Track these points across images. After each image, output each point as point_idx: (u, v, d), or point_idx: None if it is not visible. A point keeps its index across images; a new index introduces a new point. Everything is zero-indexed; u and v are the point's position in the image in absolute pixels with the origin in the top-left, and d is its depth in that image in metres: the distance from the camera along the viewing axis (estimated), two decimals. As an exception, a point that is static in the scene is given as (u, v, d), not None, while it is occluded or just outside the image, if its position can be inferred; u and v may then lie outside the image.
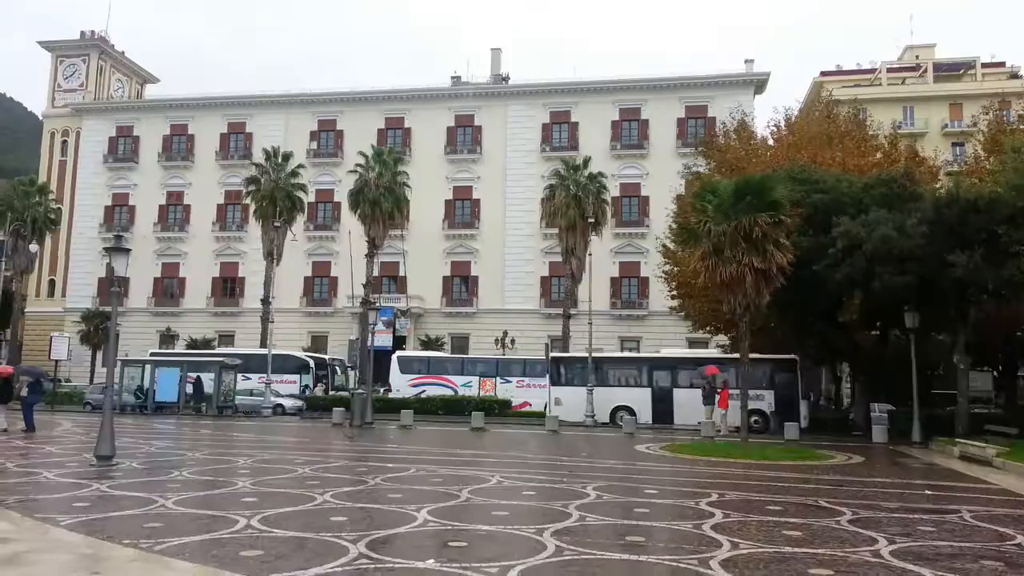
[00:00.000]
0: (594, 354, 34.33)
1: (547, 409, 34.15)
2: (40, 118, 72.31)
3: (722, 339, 41.43)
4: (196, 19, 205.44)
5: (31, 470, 14.64)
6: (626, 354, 33.05)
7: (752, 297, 21.52)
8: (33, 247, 50.17)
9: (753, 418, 31.60)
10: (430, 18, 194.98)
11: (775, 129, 37.20)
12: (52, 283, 64.63)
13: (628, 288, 55.48)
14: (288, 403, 37.57)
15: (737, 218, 21.11)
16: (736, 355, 31.22)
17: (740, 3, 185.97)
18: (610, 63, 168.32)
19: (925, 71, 61.43)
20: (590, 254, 41.62)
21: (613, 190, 51.23)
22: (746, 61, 57.43)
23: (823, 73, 64.43)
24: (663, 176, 52.79)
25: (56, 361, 43.74)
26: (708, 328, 37.94)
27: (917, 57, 64.52)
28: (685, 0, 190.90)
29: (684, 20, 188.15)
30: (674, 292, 37.31)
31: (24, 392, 25.09)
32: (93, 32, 68.15)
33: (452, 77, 63.55)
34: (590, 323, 37.65)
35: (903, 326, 27.06)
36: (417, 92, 60.56)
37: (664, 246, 37.53)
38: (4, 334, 49.69)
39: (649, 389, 33.70)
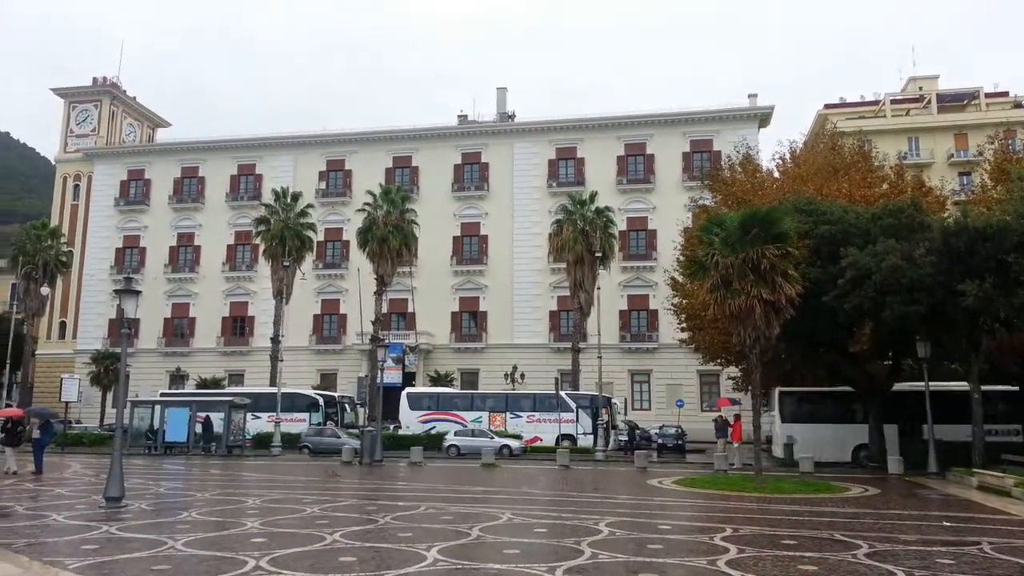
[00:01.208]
0: (829, 388, 31.25)
1: (773, 447, 31.63)
2: (53, 163, 73.39)
3: (733, 371, 41.17)
4: (206, 64, 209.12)
5: (40, 512, 14.58)
6: None
7: (762, 328, 21.41)
8: (44, 290, 50.61)
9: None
10: (436, 58, 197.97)
11: (780, 162, 37.34)
12: (63, 325, 64.98)
13: (637, 321, 55.38)
14: (514, 444, 35.48)
15: (744, 250, 21.09)
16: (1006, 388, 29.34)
17: (743, 37, 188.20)
18: (615, 98, 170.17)
19: (929, 102, 61.80)
20: (598, 288, 41.63)
21: (620, 224, 51.42)
22: (750, 95, 57.94)
23: (827, 106, 64.93)
24: (670, 210, 52.98)
25: (66, 402, 43.84)
26: (719, 360, 37.74)
27: (920, 88, 64.96)
28: (688, 35, 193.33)
29: (688, 55, 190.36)
30: (684, 324, 37.20)
31: (35, 434, 25.07)
32: (105, 78, 69.42)
33: (459, 116, 64.28)
34: (599, 357, 37.57)
35: (915, 356, 26.83)
36: (424, 131, 61.23)
37: (672, 279, 37.53)
38: (15, 376, 49.89)
39: (895, 426, 29.30)
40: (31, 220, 58.35)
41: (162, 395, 44.37)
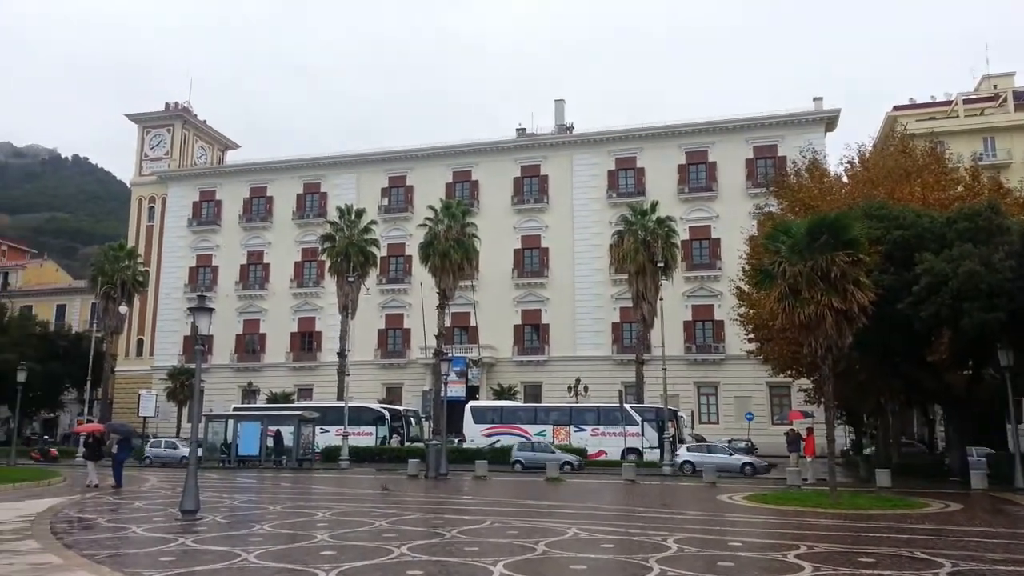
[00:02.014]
0: None
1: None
2: (129, 186, 76.40)
3: (805, 382, 40.12)
4: (269, 86, 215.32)
5: (120, 525, 15.08)
6: None
7: (833, 338, 20.80)
8: (122, 309, 52.56)
9: None
10: (494, 75, 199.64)
11: (848, 166, 36.31)
12: (140, 342, 67.43)
13: (703, 332, 54.52)
14: (759, 462, 33.58)
15: (813, 258, 20.56)
16: None
17: (806, 41, 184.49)
18: (674, 108, 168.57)
19: (1005, 100, 59.26)
20: (661, 299, 41.16)
21: (682, 233, 50.79)
22: (815, 99, 56.69)
23: (896, 107, 62.88)
24: (734, 218, 52.15)
25: (144, 418, 45.35)
26: (789, 371, 36.83)
27: (995, 87, 62.34)
28: (749, 40, 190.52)
29: (749, 62, 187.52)
30: (751, 335, 36.43)
31: (114, 449, 25.95)
32: (177, 103, 72.11)
33: (517, 129, 64.57)
34: (664, 368, 37.10)
35: (997, 364, 25.68)
36: (483, 145, 61.70)
37: (738, 288, 36.83)
38: (96, 392, 51.89)
39: None
40: (109, 242, 60.79)
41: (235, 410, 45.61)
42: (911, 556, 11.64)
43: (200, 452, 24.30)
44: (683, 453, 34.16)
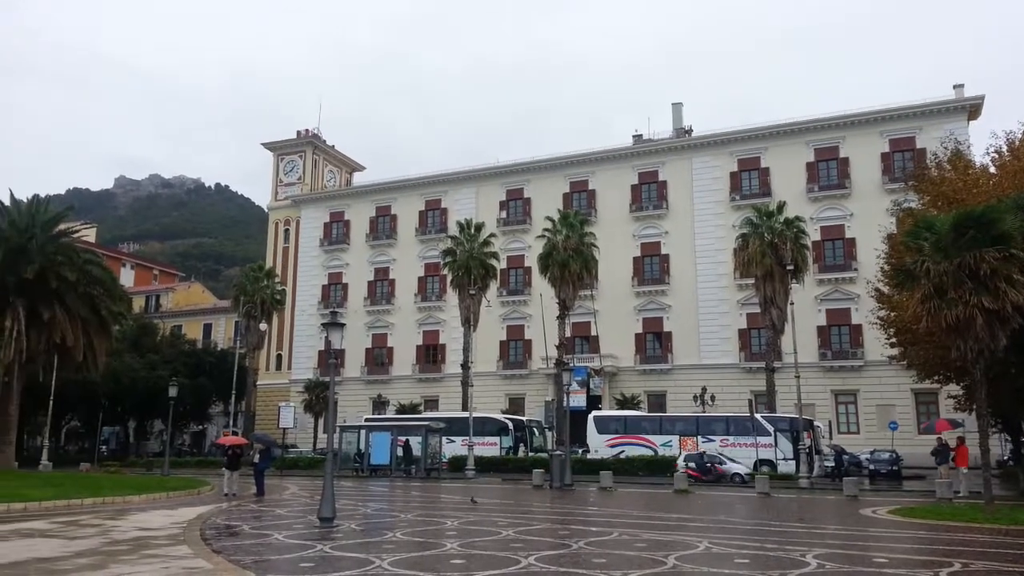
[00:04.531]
0: None
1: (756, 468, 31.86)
2: (266, 210, 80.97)
3: (954, 389, 37.40)
4: (392, 112, 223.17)
5: (263, 532, 15.82)
6: None
7: (985, 341, 19.29)
8: (263, 326, 55.62)
9: None
10: (610, 80, 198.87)
11: (996, 155, 33.66)
12: (279, 357, 71.11)
13: (839, 337, 51.90)
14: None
15: (959, 255, 19.18)
16: None
17: (942, 29, 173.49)
18: (799, 106, 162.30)
19: None
20: (791, 303, 39.49)
21: (813, 234, 48.62)
22: (955, 86, 52.98)
23: (1049, 88, 57.98)
24: (869, 215, 49.46)
25: (284, 428, 47.68)
26: (936, 377, 34.45)
27: None
28: (876, 31, 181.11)
29: (878, 52, 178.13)
30: (893, 339, 34.35)
31: (255, 459, 27.30)
32: (307, 131, 75.90)
33: (634, 136, 63.85)
34: (797, 376, 35.51)
35: None
36: (599, 154, 61.40)
37: (877, 290, 34.86)
38: (240, 405, 55.03)
39: None
40: (249, 263, 64.61)
41: (366, 420, 47.24)
42: (1087, 579, 10.53)
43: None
44: None
